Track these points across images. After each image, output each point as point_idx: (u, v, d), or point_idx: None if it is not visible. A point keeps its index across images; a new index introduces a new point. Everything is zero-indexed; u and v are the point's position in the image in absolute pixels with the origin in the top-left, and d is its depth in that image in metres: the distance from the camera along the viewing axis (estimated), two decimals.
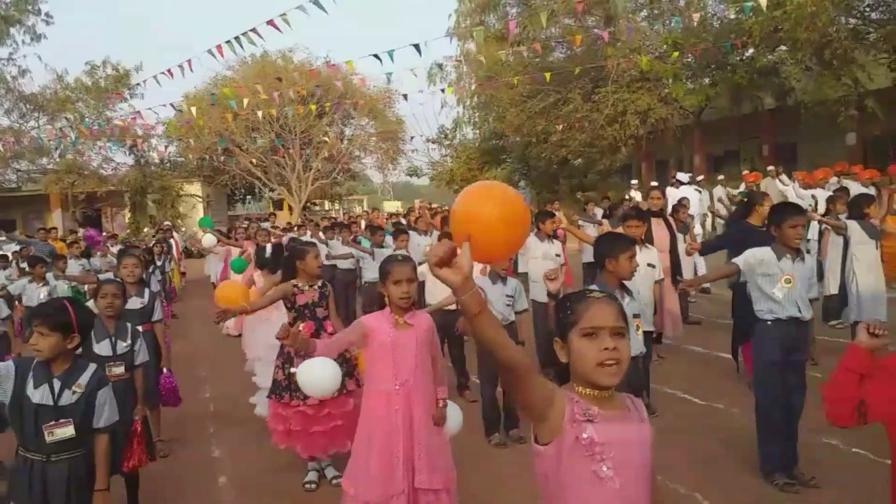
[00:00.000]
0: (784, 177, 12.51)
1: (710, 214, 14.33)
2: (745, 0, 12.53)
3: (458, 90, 23.56)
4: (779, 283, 4.00)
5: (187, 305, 14.06)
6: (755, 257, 4.19)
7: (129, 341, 4.23)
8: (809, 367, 4.27)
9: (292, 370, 4.61)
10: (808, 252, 4.75)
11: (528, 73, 18.58)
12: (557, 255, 6.86)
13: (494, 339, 1.72)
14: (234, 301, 5.15)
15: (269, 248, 7.79)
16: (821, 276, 7.50)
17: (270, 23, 8.45)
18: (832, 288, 7.54)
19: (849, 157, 17.03)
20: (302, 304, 4.70)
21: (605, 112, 18.80)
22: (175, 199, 30.36)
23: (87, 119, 26.41)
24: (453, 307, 5.95)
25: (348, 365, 4.70)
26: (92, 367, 3.10)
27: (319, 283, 4.79)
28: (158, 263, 12.13)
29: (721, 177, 17.58)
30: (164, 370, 5.40)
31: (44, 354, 2.91)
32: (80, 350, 3.09)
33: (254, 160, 29.18)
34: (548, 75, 14.57)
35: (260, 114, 20.23)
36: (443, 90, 19.93)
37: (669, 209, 8.49)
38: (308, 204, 34.78)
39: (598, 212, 12.29)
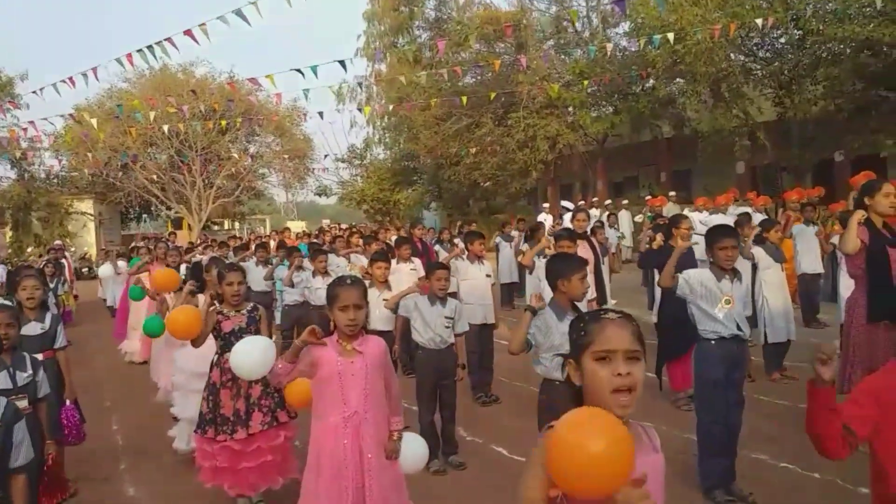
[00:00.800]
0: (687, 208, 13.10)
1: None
2: (653, 33, 13.21)
3: (374, 110, 23.49)
4: (719, 304, 4.13)
5: (82, 330, 13.07)
6: (695, 279, 4.31)
7: (29, 371, 3.81)
8: (747, 383, 4.41)
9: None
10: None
11: (443, 96, 18.77)
12: (488, 276, 6.86)
13: None
14: (189, 332, 4.53)
15: (182, 269, 7.34)
16: None
17: (188, 33, 8.03)
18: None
19: (738, 185, 18.22)
20: (228, 332, 4.39)
21: (516, 137, 19.24)
22: (63, 216, 28.39)
23: None
24: (388, 328, 5.78)
25: (278, 395, 4.44)
26: (2, 399, 2.74)
27: (249, 307, 4.51)
28: (51, 286, 11.20)
29: (625, 201, 18.39)
30: (67, 402, 4.90)
31: None
32: None
33: (154, 176, 27.78)
34: (464, 99, 14.76)
35: (166, 128, 19.30)
36: (360, 109, 19.77)
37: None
38: (209, 223, 33.50)
39: (515, 233, 12.49)
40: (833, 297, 8.40)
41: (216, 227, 38.42)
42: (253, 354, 3.40)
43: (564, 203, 15.87)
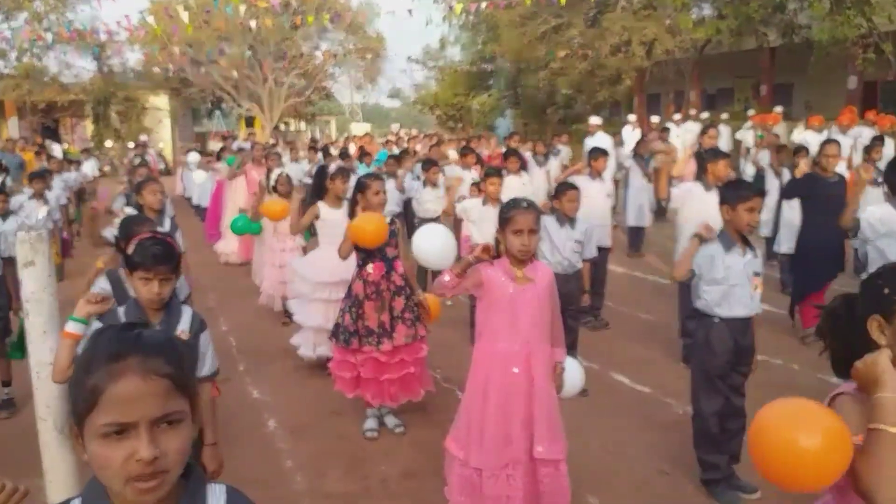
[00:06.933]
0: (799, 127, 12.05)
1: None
2: None
3: (453, 8, 22.32)
4: None
5: None
6: (875, 216, 3.89)
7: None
8: None
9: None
10: None
11: None
12: (609, 196, 6.46)
13: None
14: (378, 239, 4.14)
15: (276, 172, 7.15)
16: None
17: None
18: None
19: (848, 102, 16.77)
20: None
21: (609, 40, 17.97)
22: (140, 111, 28.70)
23: (46, 20, 24.40)
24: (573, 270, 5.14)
25: (417, 308, 4.32)
26: (188, 309, 2.70)
27: (387, 220, 4.30)
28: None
29: (725, 115, 17.20)
30: None
31: (162, 302, 2.56)
32: None
33: (232, 73, 27.45)
34: None
35: (254, 23, 18.88)
36: (450, 7, 18.73)
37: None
38: (280, 122, 33.46)
39: (563, 148, 12.13)
40: None
41: (284, 127, 38.39)
42: (437, 244, 3.18)
43: (653, 118, 14.90)
